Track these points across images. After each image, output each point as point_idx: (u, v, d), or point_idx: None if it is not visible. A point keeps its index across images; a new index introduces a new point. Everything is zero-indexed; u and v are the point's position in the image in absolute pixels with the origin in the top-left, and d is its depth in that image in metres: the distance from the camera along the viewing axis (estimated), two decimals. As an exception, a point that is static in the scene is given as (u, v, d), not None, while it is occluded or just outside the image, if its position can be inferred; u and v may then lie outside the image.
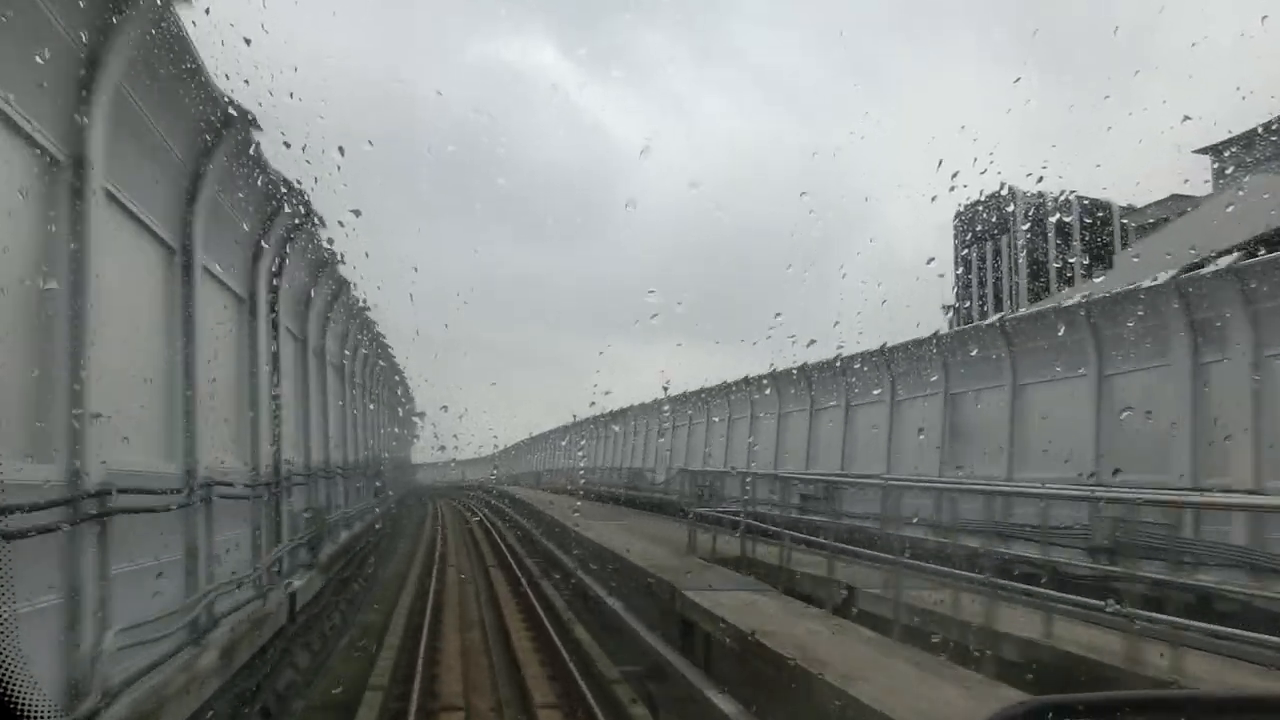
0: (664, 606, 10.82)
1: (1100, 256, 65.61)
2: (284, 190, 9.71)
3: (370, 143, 11.16)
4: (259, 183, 9.29)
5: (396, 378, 32.79)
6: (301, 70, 8.56)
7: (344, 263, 14.81)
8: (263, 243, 9.84)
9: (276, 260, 10.44)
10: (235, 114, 7.92)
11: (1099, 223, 67.64)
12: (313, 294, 13.67)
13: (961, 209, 58.97)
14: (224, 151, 8.02)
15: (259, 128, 8.28)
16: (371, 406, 25.40)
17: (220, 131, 7.98)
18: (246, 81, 7.78)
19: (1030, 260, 68.89)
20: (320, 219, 11.05)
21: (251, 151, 8.57)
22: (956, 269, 59.93)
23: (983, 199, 56.76)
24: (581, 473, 47.61)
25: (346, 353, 19.00)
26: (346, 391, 19.39)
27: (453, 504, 53.49)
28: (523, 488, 53.17)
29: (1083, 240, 70.40)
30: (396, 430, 38.07)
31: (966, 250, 62.01)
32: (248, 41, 7.13)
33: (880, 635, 8.02)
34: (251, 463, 9.89)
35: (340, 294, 15.77)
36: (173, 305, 7.35)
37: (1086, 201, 69.09)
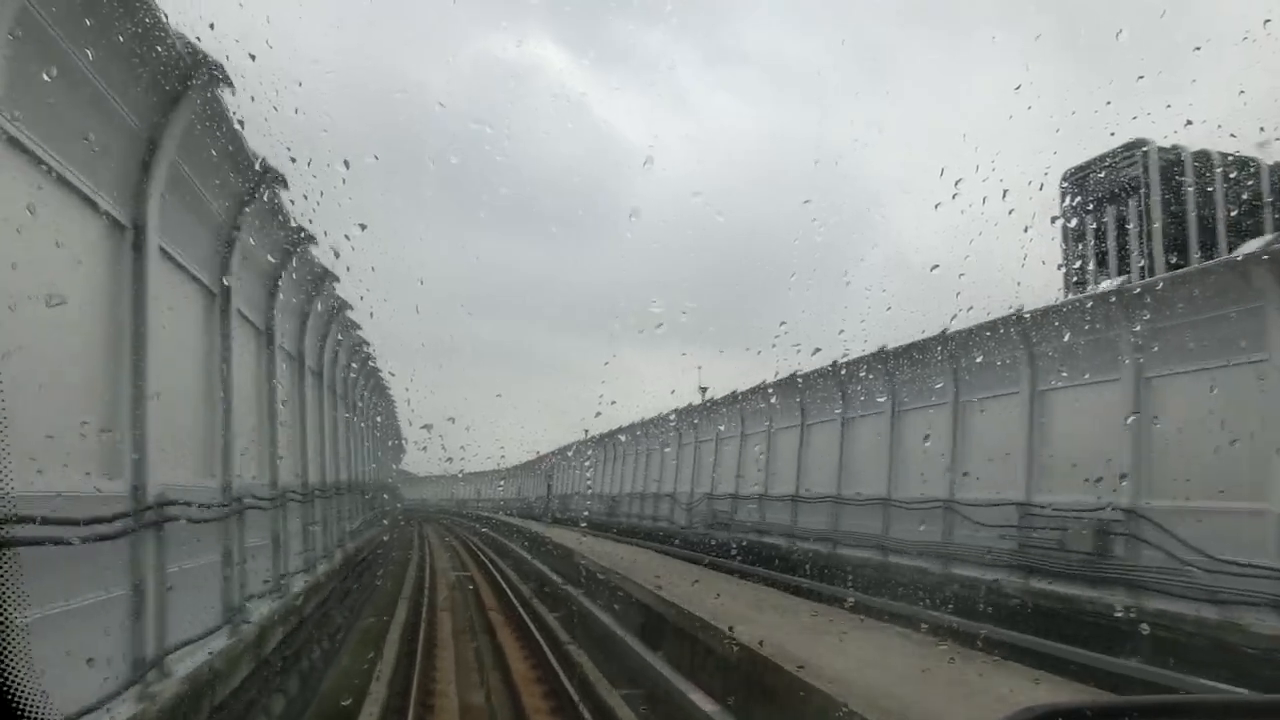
0: None
1: (1246, 218, 60.74)
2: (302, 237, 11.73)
3: (376, 156, 11.99)
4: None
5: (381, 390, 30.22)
6: (306, 84, 8.96)
7: (352, 308, 16.07)
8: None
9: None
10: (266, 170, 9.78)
11: (1242, 180, 62.59)
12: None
13: (1073, 170, 56.24)
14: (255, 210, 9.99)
15: (285, 184, 10.13)
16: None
17: (255, 191, 10.02)
18: (253, 98, 8.26)
19: (1169, 225, 64.68)
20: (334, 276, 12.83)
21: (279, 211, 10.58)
22: (1066, 242, 57.18)
23: (1100, 159, 53.84)
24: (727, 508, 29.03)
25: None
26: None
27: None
28: (604, 540, 27.27)
29: (1231, 200, 65.27)
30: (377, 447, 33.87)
31: (1078, 218, 59.00)
32: (253, 57, 7.71)
33: None
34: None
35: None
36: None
37: (1230, 157, 63.98)
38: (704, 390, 33.61)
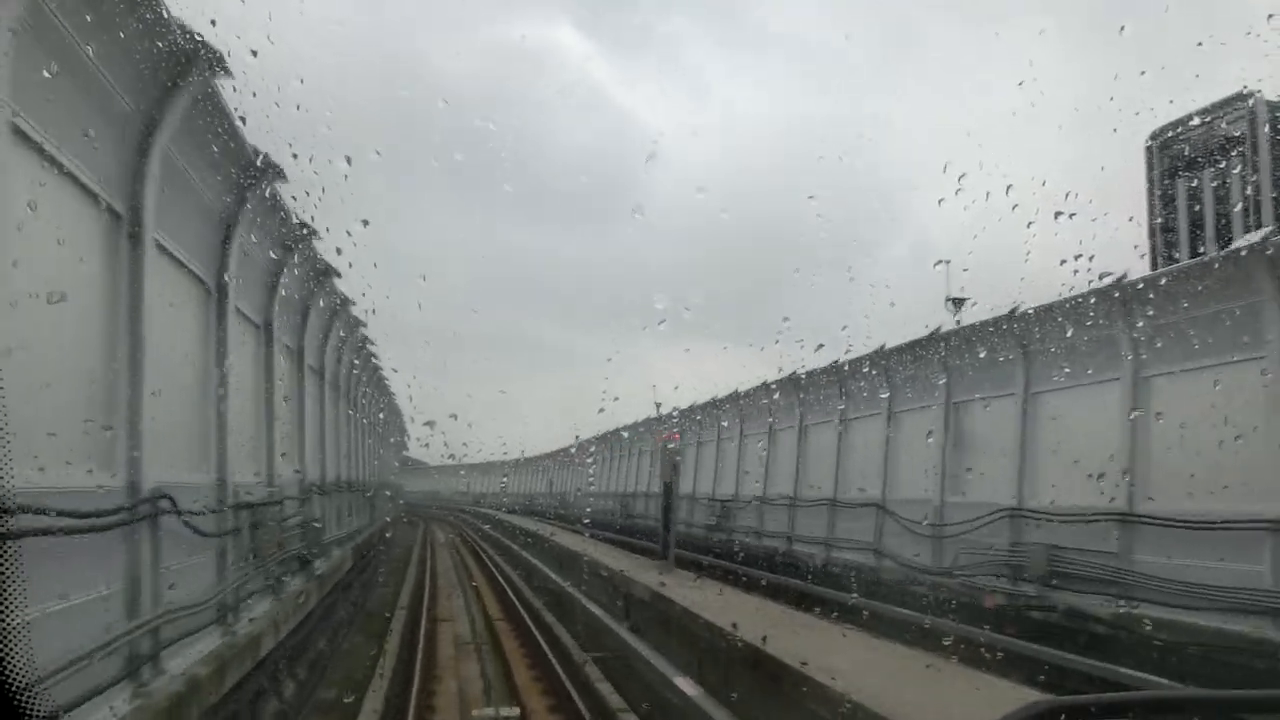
0: None
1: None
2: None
3: (378, 152, 11.70)
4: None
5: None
6: (308, 80, 9.21)
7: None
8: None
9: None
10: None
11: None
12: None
13: (1162, 130, 52.64)
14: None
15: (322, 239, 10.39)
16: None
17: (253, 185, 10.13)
18: (254, 94, 8.25)
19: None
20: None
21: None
22: (1153, 210, 53.74)
23: (1196, 114, 50.19)
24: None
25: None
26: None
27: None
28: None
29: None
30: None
31: (1168, 182, 55.41)
32: (254, 53, 7.68)
33: None
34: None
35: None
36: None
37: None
38: (959, 307, 17.16)
